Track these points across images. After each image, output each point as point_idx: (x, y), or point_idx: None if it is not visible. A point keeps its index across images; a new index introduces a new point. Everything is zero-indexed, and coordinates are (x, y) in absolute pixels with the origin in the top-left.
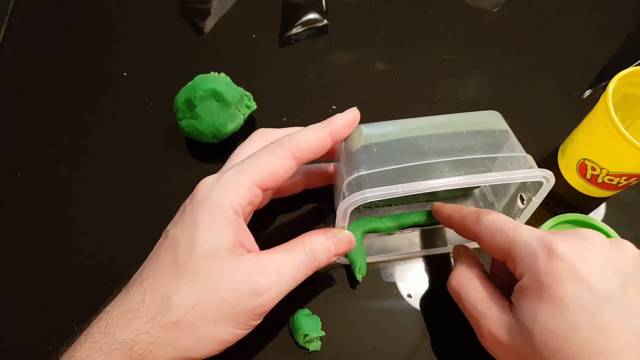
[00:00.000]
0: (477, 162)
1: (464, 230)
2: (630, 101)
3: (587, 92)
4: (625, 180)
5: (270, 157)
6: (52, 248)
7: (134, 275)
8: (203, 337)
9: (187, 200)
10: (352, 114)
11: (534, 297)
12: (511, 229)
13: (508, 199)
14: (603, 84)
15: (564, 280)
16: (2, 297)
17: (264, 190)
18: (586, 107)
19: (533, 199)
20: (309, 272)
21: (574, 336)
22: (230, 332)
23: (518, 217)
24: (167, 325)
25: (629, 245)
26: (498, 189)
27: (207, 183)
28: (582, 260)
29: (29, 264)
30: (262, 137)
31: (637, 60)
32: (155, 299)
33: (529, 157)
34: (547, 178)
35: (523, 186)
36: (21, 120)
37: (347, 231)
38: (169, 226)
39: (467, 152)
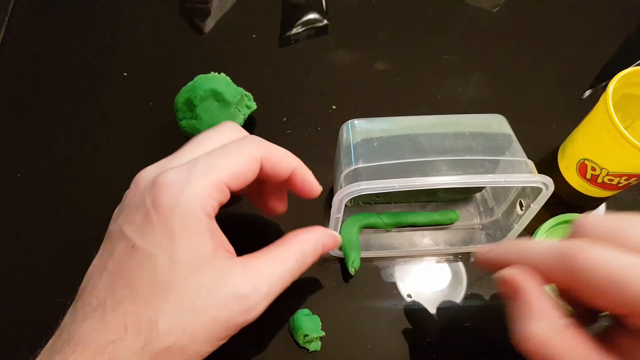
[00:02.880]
0: (477, 164)
1: (550, 270)
2: (630, 101)
3: (587, 92)
4: (625, 180)
5: (244, 158)
6: (52, 248)
7: (96, 293)
8: (192, 355)
9: (148, 201)
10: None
11: None
12: (631, 268)
13: (508, 204)
14: (603, 84)
15: None
16: (1, 298)
17: (232, 191)
18: (586, 107)
19: (532, 205)
20: (296, 277)
21: None
22: (216, 346)
23: (516, 223)
24: (158, 353)
25: None
26: (498, 194)
27: (172, 182)
28: None
29: (28, 264)
30: (233, 129)
31: (637, 60)
32: (142, 325)
33: (530, 163)
34: (546, 185)
35: (523, 192)
36: (21, 120)
37: (334, 232)
38: (128, 232)
39: (467, 152)
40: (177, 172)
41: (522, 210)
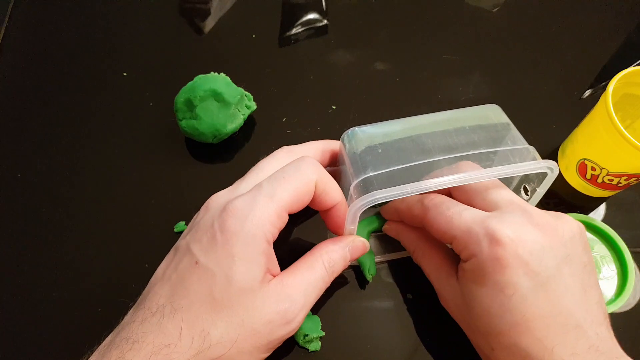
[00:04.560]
0: (483, 157)
1: (413, 220)
2: (630, 101)
3: (587, 92)
4: (625, 180)
5: (301, 182)
6: (52, 248)
7: (157, 300)
8: None
9: (216, 225)
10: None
11: (475, 280)
12: (455, 214)
13: (512, 190)
14: (603, 84)
15: (504, 267)
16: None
17: (290, 214)
18: (586, 107)
19: (537, 189)
20: (328, 285)
21: (506, 315)
22: (259, 358)
23: None
24: None
25: (570, 224)
26: (501, 182)
27: (239, 209)
28: (523, 244)
29: (28, 264)
30: (288, 153)
31: (637, 60)
32: (195, 334)
33: (532, 149)
34: (551, 169)
35: (526, 177)
36: (21, 120)
37: (361, 238)
38: (194, 249)
39: (471, 147)
40: (243, 200)
41: (527, 195)
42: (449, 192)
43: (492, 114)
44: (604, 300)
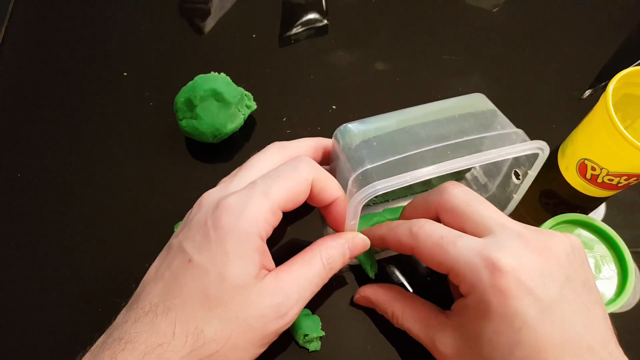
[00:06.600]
0: (476, 143)
1: (401, 249)
2: (630, 101)
3: (587, 92)
4: (625, 180)
5: (297, 181)
6: (52, 248)
7: (150, 299)
8: None
9: (209, 222)
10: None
11: (480, 316)
12: (450, 243)
13: (501, 177)
14: (603, 84)
15: (509, 298)
16: None
17: (284, 212)
18: (586, 107)
19: (529, 172)
20: (325, 282)
21: (517, 350)
22: (255, 353)
23: (515, 193)
24: (202, 359)
25: (562, 241)
26: (490, 169)
27: (233, 205)
28: (523, 270)
29: (28, 264)
30: (279, 150)
31: (637, 60)
32: (189, 333)
33: (520, 132)
34: (541, 149)
35: (516, 162)
36: (21, 120)
37: (361, 235)
38: (187, 247)
39: (463, 134)
40: (237, 197)
41: (519, 179)
42: (437, 217)
43: (479, 102)
44: (607, 313)
